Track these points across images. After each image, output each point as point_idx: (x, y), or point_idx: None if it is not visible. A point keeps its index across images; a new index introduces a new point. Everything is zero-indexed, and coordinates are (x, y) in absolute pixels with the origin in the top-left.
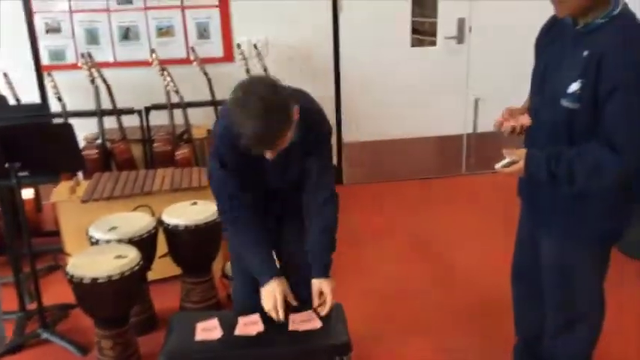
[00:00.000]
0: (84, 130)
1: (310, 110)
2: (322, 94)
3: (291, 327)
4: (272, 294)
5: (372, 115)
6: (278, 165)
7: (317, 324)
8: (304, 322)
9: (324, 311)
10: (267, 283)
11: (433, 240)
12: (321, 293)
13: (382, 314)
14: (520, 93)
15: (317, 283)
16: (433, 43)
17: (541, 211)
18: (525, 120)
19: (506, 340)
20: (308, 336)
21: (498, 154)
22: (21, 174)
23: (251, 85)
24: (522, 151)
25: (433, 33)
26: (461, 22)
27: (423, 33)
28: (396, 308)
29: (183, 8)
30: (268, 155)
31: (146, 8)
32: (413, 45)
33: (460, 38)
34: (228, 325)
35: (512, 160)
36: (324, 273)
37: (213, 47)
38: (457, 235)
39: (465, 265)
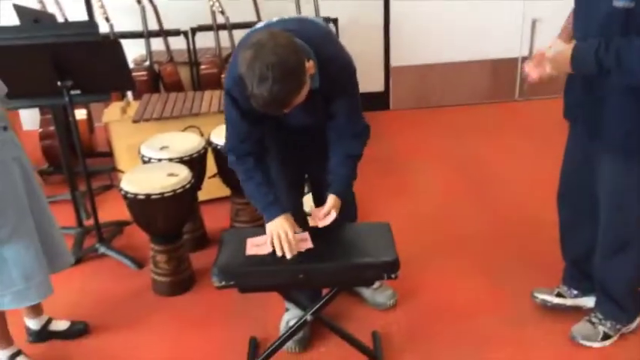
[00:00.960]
0: (131, 52)
1: (329, 59)
2: (371, 16)
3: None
4: (276, 229)
5: (421, 37)
6: (300, 110)
7: (309, 244)
8: (299, 241)
9: (322, 223)
10: (278, 217)
11: (482, 166)
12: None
13: (428, 237)
14: None
15: (332, 199)
16: None
17: (601, 131)
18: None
19: (553, 265)
20: (357, 253)
21: (554, 80)
22: (73, 92)
23: (262, 46)
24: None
25: None
26: None
27: None
28: (443, 232)
29: None
30: (283, 112)
31: None
32: None
33: None
34: None
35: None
36: (341, 193)
37: None
38: (507, 161)
39: (514, 191)
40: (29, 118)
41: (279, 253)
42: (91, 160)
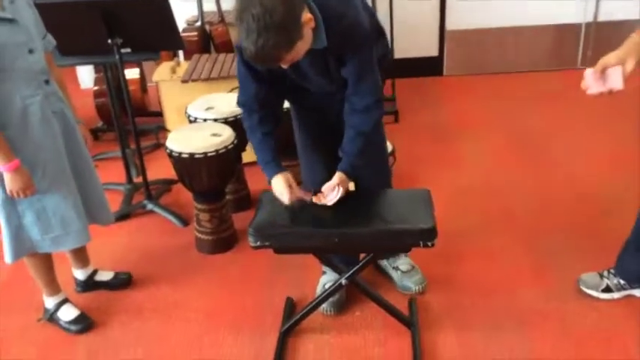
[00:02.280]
0: (184, 12)
1: (336, 17)
2: None
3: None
4: (279, 185)
5: (479, 0)
6: (313, 73)
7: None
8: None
9: (327, 201)
10: (273, 178)
11: (535, 137)
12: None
13: (473, 209)
14: None
15: (338, 176)
16: None
17: None
18: (617, 83)
19: (602, 245)
20: (393, 218)
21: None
22: (123, 50)
23: None
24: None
25: None
26: None
27: None
28: (488, 204)
29: None
30: (282, 66)
31: None
32: None
33: None
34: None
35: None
36: (349, 170)
37: None
38: (563, 134)
39: (567, 164)
40: (86, 77)
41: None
42: (142, 118)
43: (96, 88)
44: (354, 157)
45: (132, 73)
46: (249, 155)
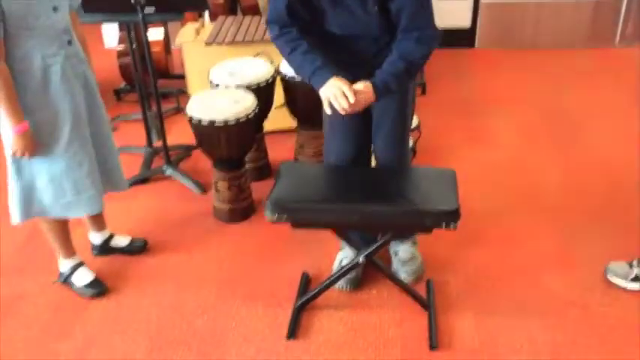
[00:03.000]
0: None
1: None
2: None
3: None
4: (330, 90)
5: None
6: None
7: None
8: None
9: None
10: (329, 80)
11: (569, 116)
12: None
13: (499, 188)
14: None
15: (362, 83)
16: None
17: None
18: None
19: (632, 231)
20: (416, 198)
21: None
22: (147, 10)
23: None
24: None
25: None
26: None
27: None
28: (515, 183)
29: None
30: None
31: None
32: None
33: None
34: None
35: None
36: (378, 86)
37: None
38: (596, 114)
39: (601, 147)
40: (111, 36)
41: (340, 111)
42: (166, 81)
43: (119, 47)
44: (390, 76)
45: (156, 34)
46: (270, 123)
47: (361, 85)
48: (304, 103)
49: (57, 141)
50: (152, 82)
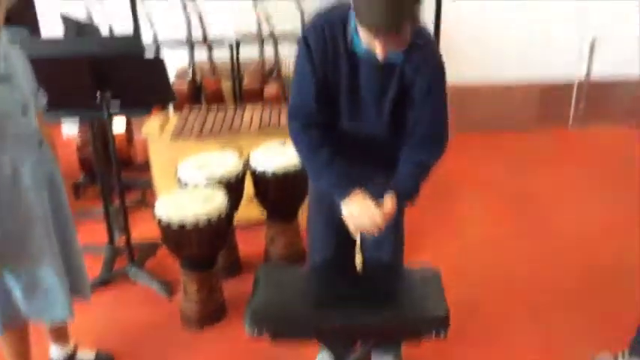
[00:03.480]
0: (175, 61)
1: (423, 39)
2: None
3: None
4: (363, 202)
5: (468, 54)
6: (371, 83)
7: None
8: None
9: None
10: (351, 194)
11: (533, 199)
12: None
13: (473, 278)
14: None
15: (392, 198)
16: None
17: None
18: None
19: (616, 318)
20: (403, 305)
21: (615, 106)
22: (112, 108)
23: None
24: None
25: None
26: None
27: None
28: (489, 273)
29: None
30: (379, 51)
31: None
32: None
33: None
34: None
35: None
36: (401, 198)
37: None
38: (561, 195)
39: (566, 230)
40: (69, 125)
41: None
42: (129, 172)
43: (79, 139)
44: (411, 184)
45: (118, 124)
46: (240, 215)
47: (389, 204)
48: (275, 196)
49: (26, 249)
50: (115, 176)
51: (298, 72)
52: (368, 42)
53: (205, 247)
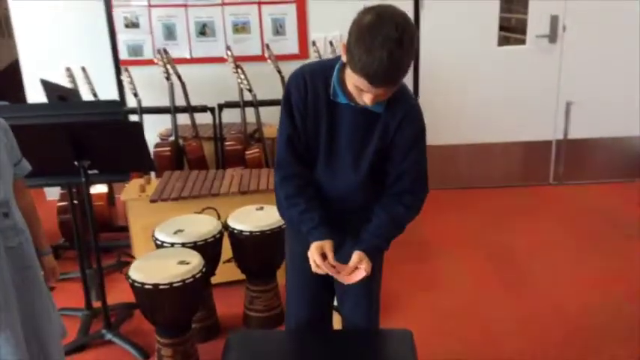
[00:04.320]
0: (158, 125)
1: (404, 95)
2: None
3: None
4: (311, 252)
5: (451, 117)
6: (351, 133)
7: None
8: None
9: (349, 280)
10: (313, 243)
11: (514, 258)
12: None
13: (455, 340)
14: (617, 97)
15: (360, 255)
16: (522, 42)
17: None
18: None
19: None
20: None
21: (592, 165)
22: (90, 172)
23: (385, 11)
24: None
25: (522, 30)
26: (554, 20)
27: (510, 30)
28: (472, 336)
29: (260, 4)
30: (367, 99)
31: (223, 4)
32: (500, 44)
33: (553, 37)
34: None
35: None
36: (370, 250)
37: (289, 44)
38: (542, 253)
39: (549, 283)
40: (53, 189)
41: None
42: (110, 234)
43: (59, 203)
44: (380, 239)
45: (99, 187)
46: (219, 276)
47: (354, 261)
48: (253, 258)
49: None
50: (92, 240)
51: (280, 122)
52: (357, 89)
53: (179, 310)
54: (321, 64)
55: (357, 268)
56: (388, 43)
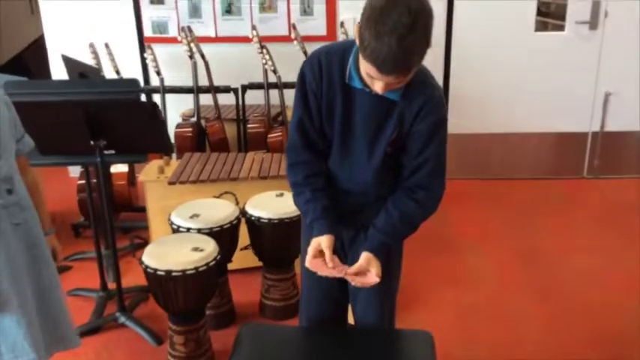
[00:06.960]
0: (181, 105)
1: (425, 83)
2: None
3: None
4: (310, 247)
5: (484, 105)
6: (367, 121)
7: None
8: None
9: (359, 281)
10: (314, 238)
11: (543, 255)
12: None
13: (478, 337)
14: None
15: (367, 257)
16: (561, 28)
17: None
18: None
19: None
20: None
21: (629, 158)
22: (107, 152)
23: None
24: None
25: (561, 16)
26: (596, 6)
27: (549, 15)
28: (495, 332)
29: None
30: (378, 87)
31: None
32: (537, 29)
33: (593, 24)
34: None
35: None
36: (378, 250)
37: (316, 24)
38: (572, 250)
39: (578, 283)
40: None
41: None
42: (129, 214)
43: (80, 182)
44: (388, 237)
45: (120, 167)
46: (236, 262)
47: (361, 263)
48: (271, 245)
49: None
50: (108, 221)
51: (293, 105)
52: (368, 76)
53: (192, 298)
54: (340, 46)
55: (368, 271)
56: (399, 28)
